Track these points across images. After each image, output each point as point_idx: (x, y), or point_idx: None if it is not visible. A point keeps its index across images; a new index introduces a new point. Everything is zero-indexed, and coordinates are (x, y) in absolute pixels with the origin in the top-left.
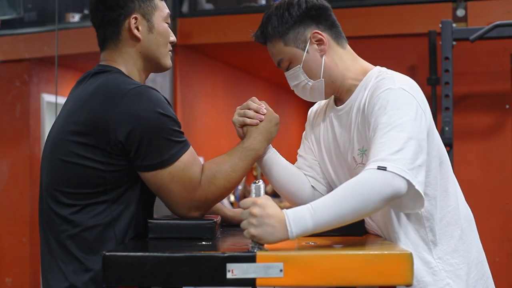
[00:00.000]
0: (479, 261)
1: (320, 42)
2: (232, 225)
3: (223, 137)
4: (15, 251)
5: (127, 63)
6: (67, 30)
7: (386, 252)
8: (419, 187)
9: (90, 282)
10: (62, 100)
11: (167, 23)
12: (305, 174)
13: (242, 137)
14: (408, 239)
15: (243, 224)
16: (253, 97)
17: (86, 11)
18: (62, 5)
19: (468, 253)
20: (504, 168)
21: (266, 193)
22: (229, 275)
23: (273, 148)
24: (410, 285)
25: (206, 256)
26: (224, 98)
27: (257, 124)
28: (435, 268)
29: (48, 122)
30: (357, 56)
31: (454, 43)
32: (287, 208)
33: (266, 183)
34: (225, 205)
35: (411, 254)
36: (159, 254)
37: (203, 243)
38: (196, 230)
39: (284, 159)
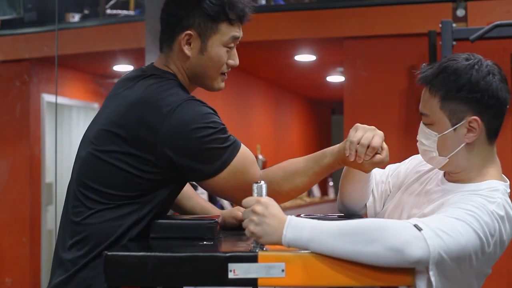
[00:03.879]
0: None
1: (473, 130)
2: (226, 229)
3: None
4: (15, 251)
5: (178, 72)
6: (67, 30)
7: None
8: (432, 273)
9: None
10: (62, 100)
11: (229, 47)
12: (372, 189)
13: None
14: None
15: (245, 222)
16: (377, 141)
17: (86, 11)
18: (62, 5)
19: None
20: (504, 168)
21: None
22: (230, 275)
23: None
24: (411, 285)
25: (208, 256)
26: (224, 98)
27: (347, 155)
28: None
29: (48, 122)
30: (495, 156)
31: (454, 43)
32: (287, 208)
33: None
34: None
35: None
36: (161, 254)
37: (205, 243)
38: (198, 230)
39: None
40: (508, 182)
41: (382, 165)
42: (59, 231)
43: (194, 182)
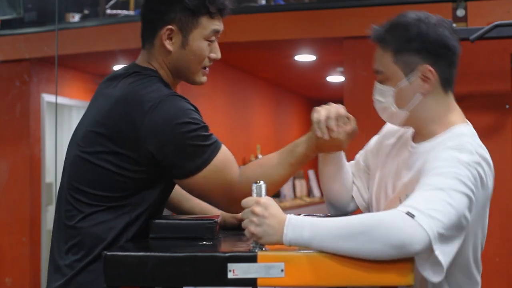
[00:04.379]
0: None
1: (427, 80)
2: (226, 229)
3: (223, 137)
4: (15, 251)
5: (160, 68)
6: (67, 30)
7: None
8: (439, 253)
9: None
10: (62, 100)
11: (210, 40)
12: (352, 181)
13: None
14: None
15: (244, 223)
16: (342, 111)
17: (86, 11)
18: (62, 5)
19: None
20: (504, 168)
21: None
22: (230, 275)
23: None
24: (411, 285)
25: (207, 256)
26: (224, 98)
27: (319, 136)
28: None
29: (48, 122)
30: (454, 104)
31: None
32: (287, 208)
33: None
34: None
35: None
36: (161, 254)
37: (204, 243)
38: (197, 230)
39: (345, 159)
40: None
41: (355, 135)
42: (53, 235)
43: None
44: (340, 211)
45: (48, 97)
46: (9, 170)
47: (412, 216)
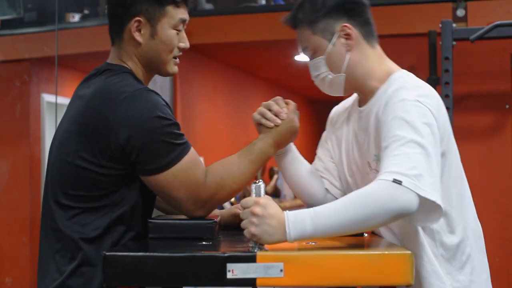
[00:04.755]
0: (485, 277)
1: (348, 36)
2: (229, 228)
3: (223, 137)
4: (15, 251)
5: (131, 63)
6: (67, 30)
7: (386, 252)
8: (440, 201)
9: (85, 284)
10: (62, 100)
11: (178, 30)
12: (320, 176)
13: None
14: (422, 251)
15: (244, 223)
16: (278, 97)
17: (86, 11)
18: (62, 5)
19: (476, 271)
20: (504, 168)
21: (266, 193)
22: (229, 275)
23: (294, 146)
24: (410, 285)
25: (207, 256)
26: (224, 98)
27: (271, 127)
28: (443, 284)
29: (48, 122)
30: (385, 56)
31: (454, 43)
32: (287, 208)
33: (266, 183)
34: (225, 205)
35: (411, 254)
36: (160, 254)
37: (204, 243)
38: (197, 230)
39: (302, 157)
40: None
41: (299, 115)
42: (41, 239)
43: None
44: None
45: (48, 97)
46: (9, 170)
47: (399, 182)
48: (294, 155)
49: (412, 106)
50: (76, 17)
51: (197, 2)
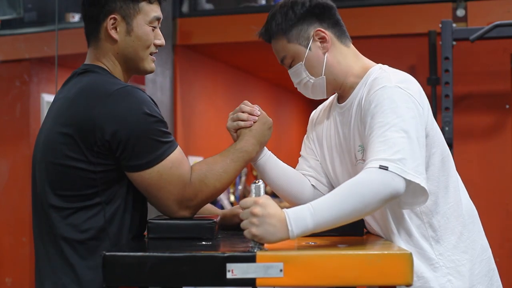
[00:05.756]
0: (483, 257)
1: (322, 39)
2: (229, 228)
3: (223, 137)
4: (15, 251)
5: (109, 62)
6: (67, 30)
7: (386, 252)
8: (424, 184)
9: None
10: None
11: (153, 27)
12: (306, 174)
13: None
14: (408, 235)
15: (244, 223)
16: (245, 101)
17: None
18: (62, 5)
19: (472, 250)
20: (504, 168)
21: (266, 193)
22: (229, 275)
23: (269, 151)
24: (410, 285)
25: (206, 256)
26: (224, 98)
27: (250, 126)
28: (436, 265)
29: None
30: (360, 54)
31: (454, 43)
32: (287, 207)
33: (265, 183)
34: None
35: (411, 254)
36: (159, 254)
37: (203, 243)
38: (196, 230)
39: (280, 161)
40: None
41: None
42: (36, 242)
43: None
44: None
45: (48, 97)
46: (9, 170)
47: (385, 168)
48: (269, 159)
49: (394, 92)
50: (76, 17)
51: (197, 2)
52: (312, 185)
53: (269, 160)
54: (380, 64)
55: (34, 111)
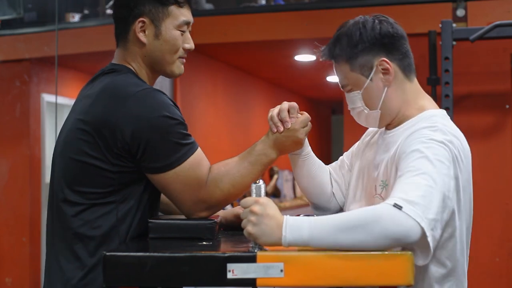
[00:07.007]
0: None
1: (386, 71)
2: (229, 228)
3: (223, 137)
4: (15, 251)
5: (136, 64)
6: (67, 30)
7: (386, 252)
8: (431, 240)
9: (88, 283)
10: (62, 100)
11: (182, 31)
12: (333, 179)
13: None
14: None
15: (243, 222)
16: (294, 105)
17: (86, 11)
18: (62, 5)
19: None
20: (504, 168)
21: (266, 193)
22: (229, 275)
23: (309, 147)
24: (411, 285)
25: (207, 256)
26: (224, 98)
27: (274, 132)
28: None
29: (48, 122)
30: (423, 91)
31: (454, 43)
32: (287, 208)
33: (266, 183)
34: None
35: (411, 254)
36: (160, 254)
37: (204, 243)
38: (197, 230)
39: (316, 157)
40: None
41: (309, 128)
42: (48, 236)
43: None
44: (322, 209)
45: (48, 97)
46: (9, 170)
47: (399, 207)
48: (309, 154)
49: (437, 146)
50: (76, 17)
51: (197, 2)
52: (333, 192)
53: (310, 155)
54: (435, 111)
55: (34, 111)
